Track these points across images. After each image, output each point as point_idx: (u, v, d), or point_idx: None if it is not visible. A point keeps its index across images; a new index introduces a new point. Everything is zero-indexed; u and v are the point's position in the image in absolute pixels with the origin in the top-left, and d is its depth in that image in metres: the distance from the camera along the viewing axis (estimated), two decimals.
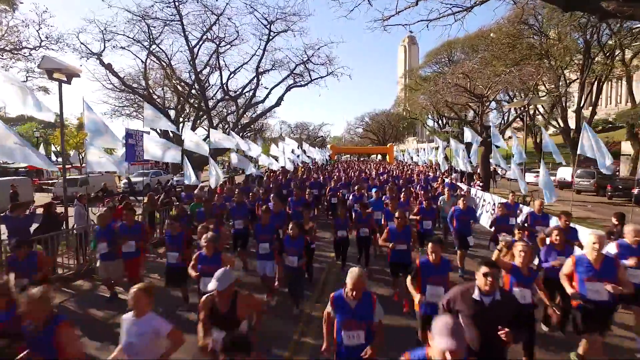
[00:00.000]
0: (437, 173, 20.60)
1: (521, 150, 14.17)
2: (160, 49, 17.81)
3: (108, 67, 16.15)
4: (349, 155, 76.51)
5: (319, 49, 20.55)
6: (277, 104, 20.93)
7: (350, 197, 11.34)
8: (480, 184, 16.76)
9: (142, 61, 17.44)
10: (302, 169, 24.58)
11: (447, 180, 15.25)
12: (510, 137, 23.18)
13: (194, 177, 11.44)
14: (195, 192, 13.72)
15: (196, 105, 19.74)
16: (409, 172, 22.03)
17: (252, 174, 16.84)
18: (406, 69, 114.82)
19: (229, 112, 25.62)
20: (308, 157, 31.43)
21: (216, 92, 21.47)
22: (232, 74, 20.50)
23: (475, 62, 21.72)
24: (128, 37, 16.57)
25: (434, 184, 15.80)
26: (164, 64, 18.15)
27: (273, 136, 56.50)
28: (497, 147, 14.73)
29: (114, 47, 16.38)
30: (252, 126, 55.92)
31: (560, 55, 27.15)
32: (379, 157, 69.92)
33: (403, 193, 10.35)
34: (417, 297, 4.37)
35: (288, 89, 21.02)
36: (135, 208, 9.14)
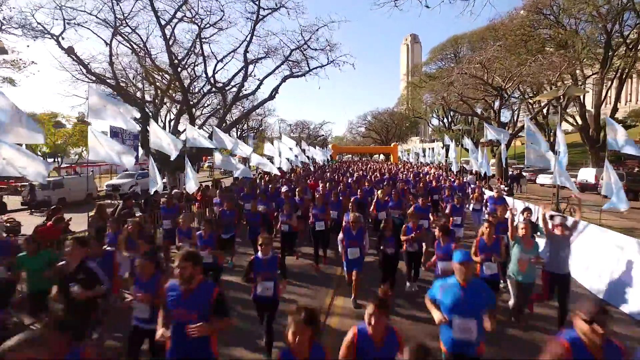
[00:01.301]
0: (457, 178, 17.56)
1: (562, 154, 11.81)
2: (132, 28, 15.22)
3: (69, 51, 13.85)
4: (350, 155, 74.34)
5: (317, 29, 17.98)
6: (271, 96, 18.47)
7: (340, 238, 6.51)
8: (505, 188, 14.48)
9: (106, 43, 14.96)
10: (300, 171, 22.38)
11: (491, 192, 11.06)
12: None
13: (160, 182, 9.25)
14: (164, 198, 11.53)
15: (177, 98, 17.35)
16: (420, 175, 18.61)
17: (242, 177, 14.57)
18: (409, 67, 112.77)
19: (220, 106, 22.89)
20: (308, 157, 29.16)
21: (204, 85, 19.10)
22: (220, 63, 17.93)
23: (494, 50, 19.45)
24: (90, 14, 14.19)
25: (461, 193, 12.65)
26: (137, 47, 15.70)
27: (274, 136, 54.13)
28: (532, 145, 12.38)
29: (69, 23, 13.86)
30: (247, 124, 53.80)
31: (582, 45, 24.80)
32: (382, 157, 67.78)
33: (437, 229, 5.86)
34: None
35: (284, 80, 18.62)
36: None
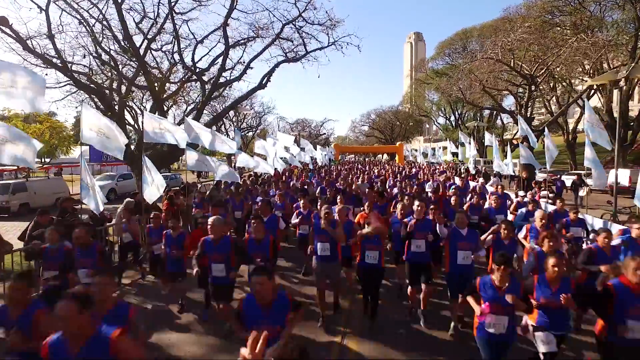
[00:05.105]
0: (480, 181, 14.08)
1: None
2: None
3: (1, 22, 11.20)
4: (353, 155, 71.68)
5: None
6: (262, 85, 15.81)
7: None
8: (549, 194, 11.76)
9: (40, 8, 11.91)
10: (298, 172, 19.85)
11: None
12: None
13: (101, 197, 6.75)
14: (120, 208, 8.98)
15: (143, 84, 14.56)
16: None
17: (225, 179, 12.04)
18: (412, 66, 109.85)
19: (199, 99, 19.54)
20: (310, 157, 26.58)
21: (185, 74, 16.34)
22: (201, 45, 15.13)
23: (523, 31, 16.78)
24: None
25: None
26: (94, 19, 12.83)
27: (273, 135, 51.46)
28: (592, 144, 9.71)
29: None
30: (245, 121, 51.12)
31: (615, 30, 22.12)
32: (385, 156, 65.20)
33: None
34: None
35: (276, 65, 15.88)
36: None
